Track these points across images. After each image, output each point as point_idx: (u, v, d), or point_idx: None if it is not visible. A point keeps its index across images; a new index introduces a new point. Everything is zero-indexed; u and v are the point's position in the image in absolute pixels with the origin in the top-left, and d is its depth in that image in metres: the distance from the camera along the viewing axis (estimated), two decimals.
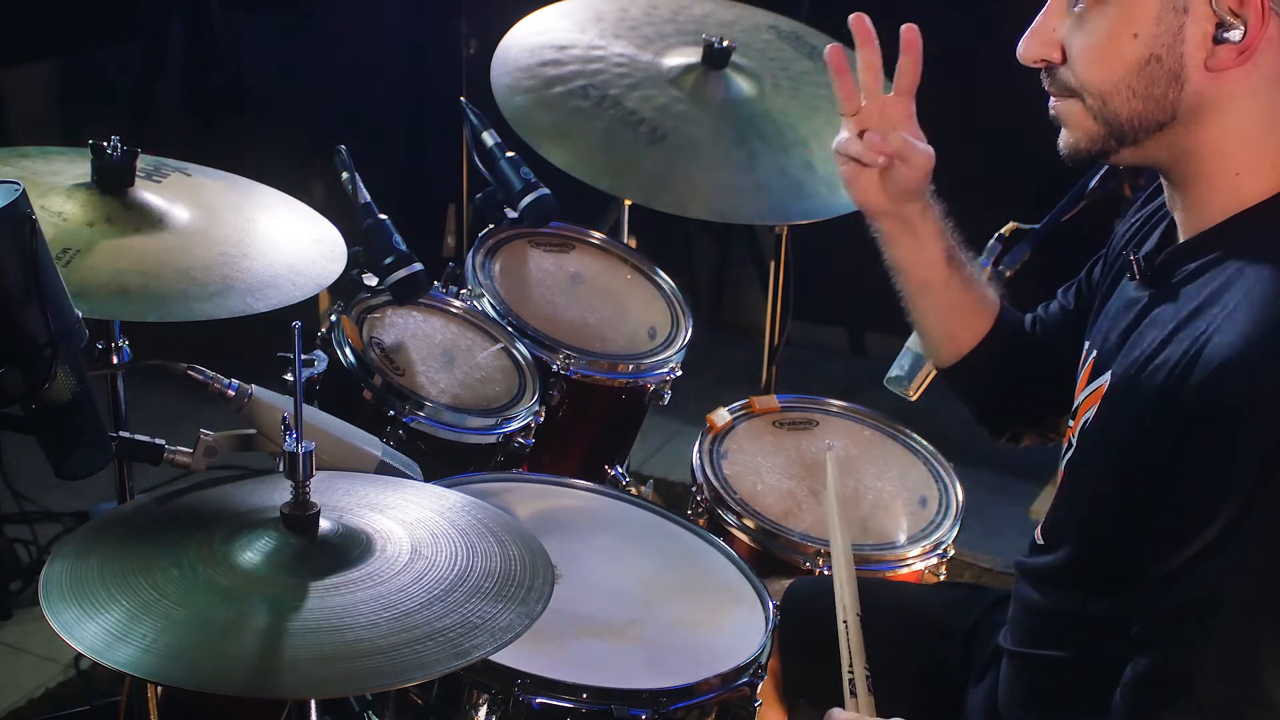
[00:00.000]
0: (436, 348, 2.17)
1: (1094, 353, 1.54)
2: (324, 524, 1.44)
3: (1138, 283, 1.49)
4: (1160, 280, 1.45)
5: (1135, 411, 1.37)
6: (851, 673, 1.68)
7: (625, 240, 2.68)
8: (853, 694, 1.67)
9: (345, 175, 2.22)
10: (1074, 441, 1.53)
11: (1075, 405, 1.55)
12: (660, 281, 2.48)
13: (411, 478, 1.74)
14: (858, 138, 1.73)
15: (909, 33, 1.70)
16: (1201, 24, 1.34)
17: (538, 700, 1.55)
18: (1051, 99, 1.46)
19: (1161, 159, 1.43)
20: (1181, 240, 1.44)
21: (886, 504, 2.19)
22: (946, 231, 1.78)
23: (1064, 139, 1.46)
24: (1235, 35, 1.33)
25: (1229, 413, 1.26)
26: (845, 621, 1.74)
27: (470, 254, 2.33)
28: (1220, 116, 1.37)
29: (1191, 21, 1.34)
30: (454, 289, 2.29)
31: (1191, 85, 1.36)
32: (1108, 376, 1.46)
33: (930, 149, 1.72)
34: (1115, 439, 1.41)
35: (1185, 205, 1.44)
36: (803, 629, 1.81)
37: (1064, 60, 1.42)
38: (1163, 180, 1.47)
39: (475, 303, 2.26)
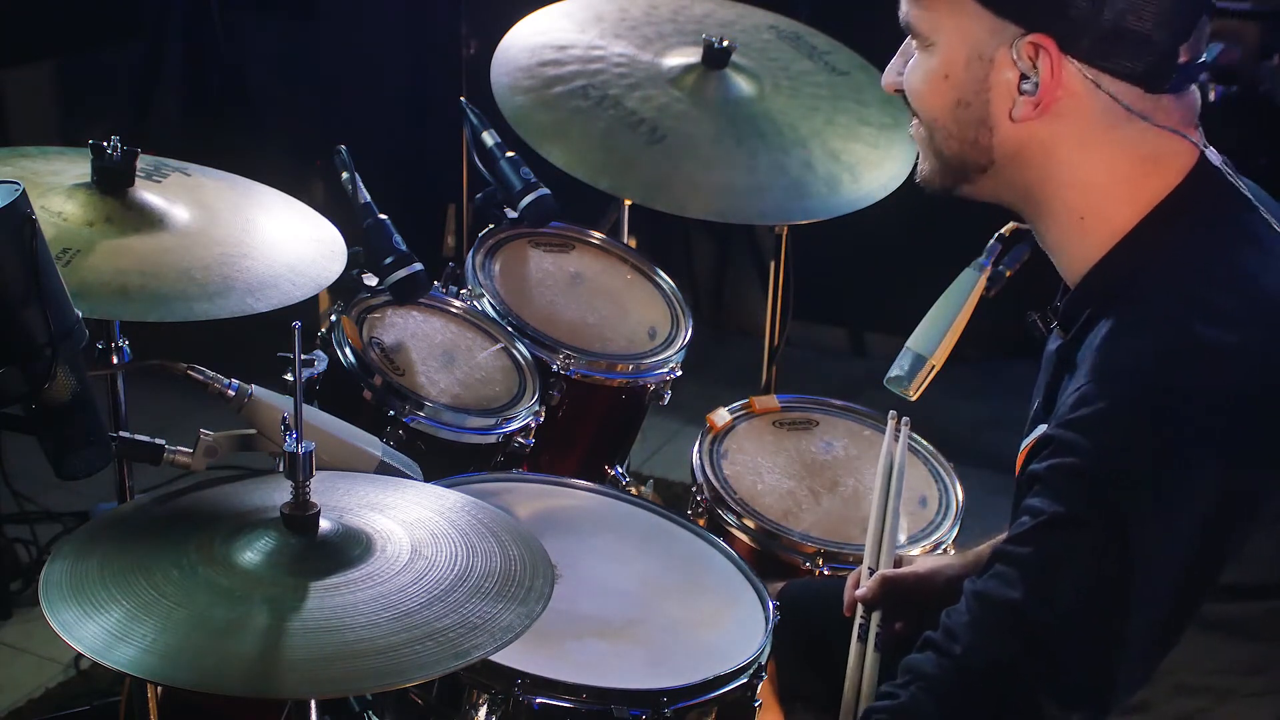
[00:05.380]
0: (436, 348, 2.17)
1: (1034, 401, 1.56)
2: (324, 524, 1.44)
3: (1054, 335, 1.51)
4: (1065, 329, 1.46)
5: None
6: (865, 619, 1.70)
7: (625, 240, 2.68)
8: (860, 639, 1.68)
9: (345, 175, 2.22)
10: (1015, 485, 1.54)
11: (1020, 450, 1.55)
12: (660, 281, 2.48)
13: (411, 478, 1.74)
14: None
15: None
16: (1004, 73, 1.37)
17: (538, 700, 1.55)
18: (911, 121, 1.50)
19: (1004, 199, 1.46)
20: (1069, 287, 1.46)
21: None
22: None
23: (918, 168, 1.51)
24: (1030, 88, 1.35)
25: (1050, 460, 1.30)
26: (870, 568, 1.75)
27: (470, 254, 2.33)
28: (1037, 163, 1.40)
29: (995, 71, 1.37)
30: (454, 289, 2.29)
31: (1001, 133, 1.39)
32: (1043, 428, 1.46)
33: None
34: None
35: (1050, 246, 1.46)
36: (798, 631, 1.81)
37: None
38: (1027, 222, 1.49)
39: (475, 303, 2.26)
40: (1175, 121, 1.38)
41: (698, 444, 2.22)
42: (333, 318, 2.09)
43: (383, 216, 2.17)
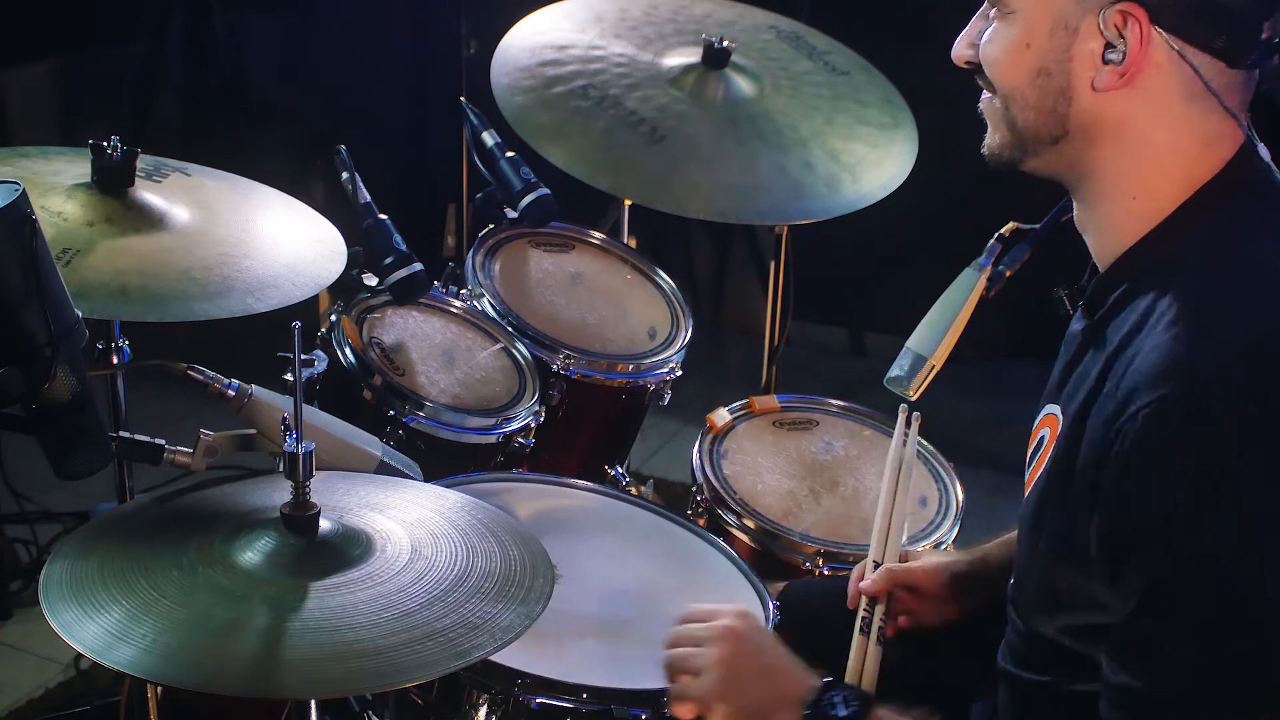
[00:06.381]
0: (436, 348, 2.17)
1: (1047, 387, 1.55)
2: (324, 524, 1.44)
3: (1076, 315, 1.51)
4: (1091, 312, 1.46)
5: (1085, 452, 1.35)
6: (868, 611, 1.70)
7: (625, 240, 2.68)
8: (863, 632, 1.68)
9: (345, 175, 2.22)
10: (1026, 477, 1.53)
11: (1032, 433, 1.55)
12: (660, 281, 2.48)
13: (411, 478, 1.74)
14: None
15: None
16: (1089, 43, 1.36)
17: (538, 700, 1.55)
18: (982, 94, 1.49)
19: (1064, 175, 1.45)
20: (1099, 268, 1.46)
21: None
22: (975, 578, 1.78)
23: (986, 141, 1.49)
24: (1117, 56, 1.35)
25: (1146, 434, 1.25)
26: (875, 561, 1.75)
27: (470, 254, 2.33)
28: (1111, 137, 1.39)
29: (1080, 40, 1.36)
30: (454, 289, 2.29)
31: (1080, 103, 1.38)
32: (1056, 410, 1.46)
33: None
34: (1068, 478, 1.39)
35: (1093, 227, 1.46)
36: (799, 630, 1.81)
37: (980, 64, 1.46)
38: (1075, 201, 1.48)
39: (475, 303, 2.26)
40: (1236, 104, 1.37)
41: (698, 444, 2.22)
42: (333, 318, 2.09)
43: (383, 216, 2.17)
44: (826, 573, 2.03)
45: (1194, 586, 1.25)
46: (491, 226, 2.41)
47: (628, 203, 2.74)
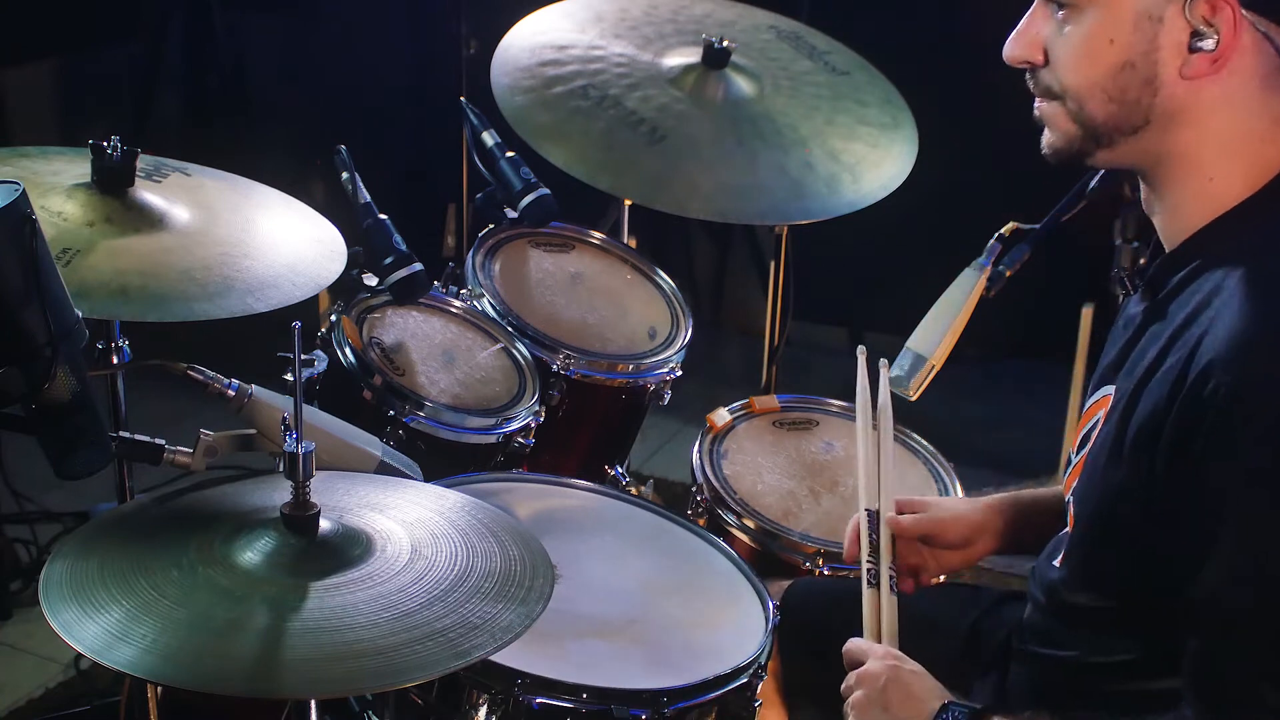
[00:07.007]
0: (436, 348, 2.17)
1: (1097, 371, 1.56)
2: (324, 524, 1.44)
3: (1135, 297, 1.52)
4: (1153, 292, 1.47)
5: (1140, 424, 1.38)
6: (872, 561, 1.70)
7: (625, 240, 2.68)
8: (871, 584, 1.68)
9: (345, 175, 2.22)
10: (1073, 457, 1.54)
11: (1079, 419, 1.56)
12: (660, 281, 2.48)
13: (411, 478, 1.74)
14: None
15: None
16: (1175, 33, 1.36)
17: (538, 700, 1.55)
18: (1036, 100, 1.48)
19: (1138, 162, 1.46)
20: (1165, 248, 1.47)
21: None
22: (1009, 513, 1.79)
23: (1046, 139, 1.49)
24: (1208, 44, 1.35)
25: (1224, 407, 1.28)
26: (869, 510, 1.75)
27: (470, 254, 2.33)
28: (1195, 122, 1.39)
29: (1166, 30, 1.36)
30: (454, 289, 2.29)
31: (1165, 91, 1.39)
32: (1111, 390, 1.48)
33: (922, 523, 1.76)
34: (1121, 451, 1.42)
35: (1162, 209, 1.46)
36: (804, 629, 1.81)
37: (1046, 63, 1.45)
38: (1141, 184, 1.49)
39: (475, 303, 2.26)
40: None
41: (698, 444, 2.22)
42: (333, 318, 2.09)
43: (383, 216, 2.17)
44: (826, 573, 2.03)
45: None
46: (491, 226, 2.41)
47: (628, 203, 2.73)
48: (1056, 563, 1.57)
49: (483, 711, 1.59)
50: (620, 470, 2.35)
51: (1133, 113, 1.40)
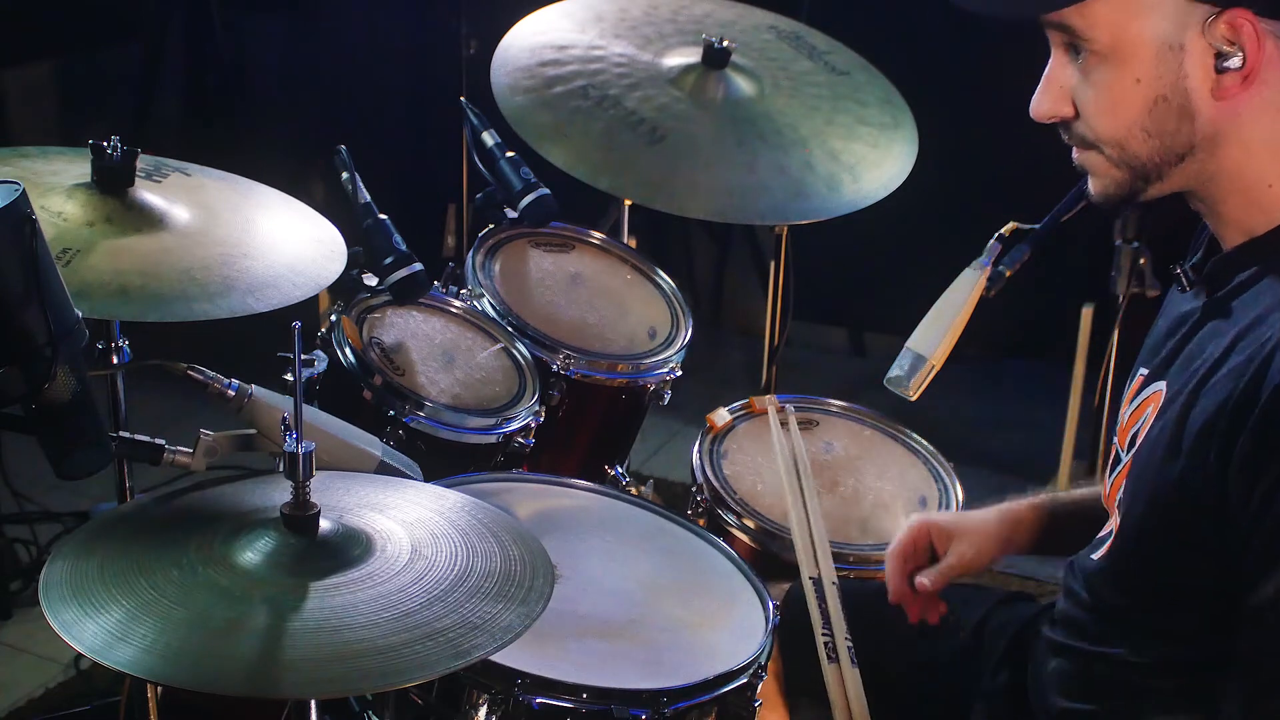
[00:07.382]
0: (436, 348, 2.17)
1: (1141, 369, 1.55)
2: (324, 524, 1.44)
3: (1189, 294, 1.50)
4: (1212, 290, 1.46)
5: (1202, 419, 1.37)
6: (826, 633, 1.68)
7: (625, 240, 2.68)
8: (831, 659, 1.66)
9: (345, 175, 2.22)
10: (1122, 455, 1.53)
11: (1124, 417, 1.55)
12: (660, 281, 2.48)
13: (411, 478, 1.74)
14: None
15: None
16: (1200, 58, 1.35)
17: (538, 700, 1.55)
18: (1074, 150, 1.47)
19: (1191, 186, 1.44)
20: (1223, 248, 1.46)
21: (886, 504, 2.19)
22: (1041, 516, 1.79)
23: (1093, 186, 1.47)
24: (1235, 62, 1.34)
25: None
26: (812, 578, 1.73)
27: (470, 254, 2.33)
28: (1240, 138, 1.38)
29: (1190, 57, 1.35)
30: (454, 289, 2.29)
31: (1203, 116, 1.37)
32: (1162, 386, 1.46)
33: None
34: (1180, 447, 1.40)
35: (1224, 220, 1.45)
36: (804, 629, 1.81)
37: (1076, 115, 1.43)
38: (1196, 203, 1.47)
39: (475, 303, 2.26)
40: None
41: (698, 444, 2.22)
42: (333, 318, 2.09)
43: (383, 216, 2.17)
44: None
45: None
46: (491, 226, 2.41)
47: (628, 203, 2.73)
48: (1096, 556, 1.55)
49: (483, 711, 1.59)
50: (620, 470, 2.35)
51: (1176, 143, 1.39)
